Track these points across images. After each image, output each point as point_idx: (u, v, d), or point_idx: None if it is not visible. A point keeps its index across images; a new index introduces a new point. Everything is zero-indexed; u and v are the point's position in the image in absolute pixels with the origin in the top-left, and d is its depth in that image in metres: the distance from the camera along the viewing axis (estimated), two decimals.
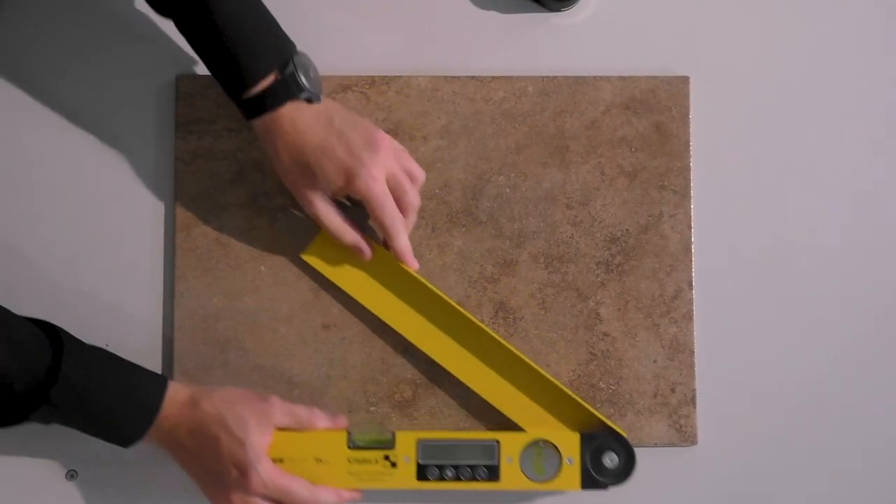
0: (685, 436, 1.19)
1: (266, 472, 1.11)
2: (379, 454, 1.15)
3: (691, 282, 1.20)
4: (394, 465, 1.15)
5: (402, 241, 1.16)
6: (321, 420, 1.15)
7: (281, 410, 1.14)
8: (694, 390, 1.19)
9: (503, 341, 1.17)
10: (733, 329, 1.21)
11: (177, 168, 1.21)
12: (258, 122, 1.14)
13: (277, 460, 1.13)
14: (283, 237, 1.20)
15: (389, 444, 1.15)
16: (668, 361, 1.20)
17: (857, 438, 1.21)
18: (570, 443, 1.15)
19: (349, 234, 1.17)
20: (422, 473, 1.15)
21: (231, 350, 1.19)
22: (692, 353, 1.19)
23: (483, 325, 1.18)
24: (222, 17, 1.11)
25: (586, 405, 1.17)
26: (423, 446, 1.15)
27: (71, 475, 1.19)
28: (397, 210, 1.15)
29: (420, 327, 1.18)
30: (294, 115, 1.13)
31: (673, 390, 1.19)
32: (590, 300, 1.20)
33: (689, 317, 1.20)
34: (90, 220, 1.20)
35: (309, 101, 1.14)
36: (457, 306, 1.18)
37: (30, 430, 1.18)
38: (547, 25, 1.24)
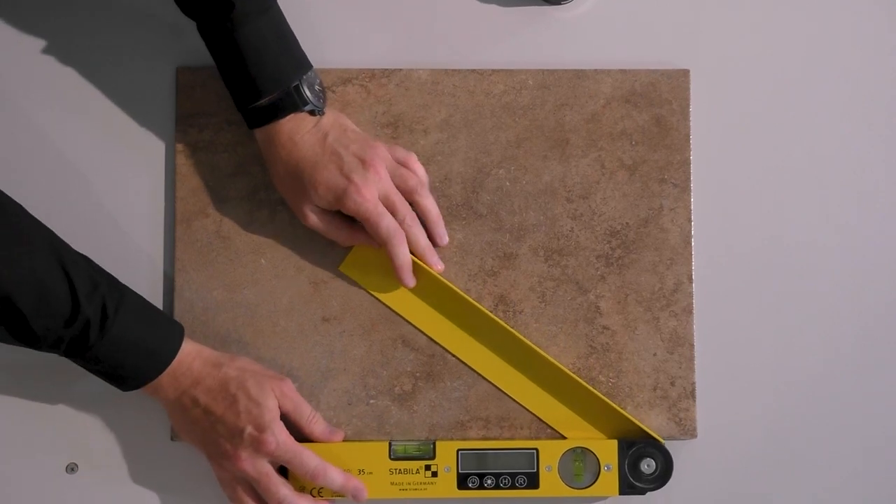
0: (685, 429, 1.19)
1: (281, 434, 1.13)
2: (420, 464, 1.16)
3: (691, 275, 1.20)
4: (434, 474, 1.16)
5: (399, 254, 1.17)
6: (319, 425, 1.17)
7: (291, 394, 1.16)
8: (694, 383, 1.19)
9: (540, 350, 1.18)
10: (733, 322, 1.21)
11: (177, 161, 1.21)
12: (259, 131, 1.16)
13: None
14: (283, 230, 1.20)
15: (430, 455, 1.16)
16: (668, 355, 1.20)
17: (856, 432, 1.21)
18: (608, 450, 1.17)
19: (350, 240, 1.18)
20: (462, 482, 1.17)
21: (231, 342, 1.19)
22: (692, 346, 1.19)
23: (521, 336, 1.18)
24: (244, 36, 1.13)
25: (623, 411, 1.18)
26: (463, 456, 1.17)
27: (71, 468, 1.19)
28: (394, 223, 1.16)
29: (459, 339, 1.19)
30: (292, 128, 1.15)
31: (673, 384, 1.19)
32: (590, 293, 1.20)
33: (688, 310, 1.20)
34: (90, 213, 1.20)
35: (312, 113, 1.15)
36: (496, 319, 1.19)
37: (30, 423, 1.18)
38: (547, 19, 1.24)
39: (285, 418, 1.15)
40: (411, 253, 1.17)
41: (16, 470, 1.19)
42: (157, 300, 1.20)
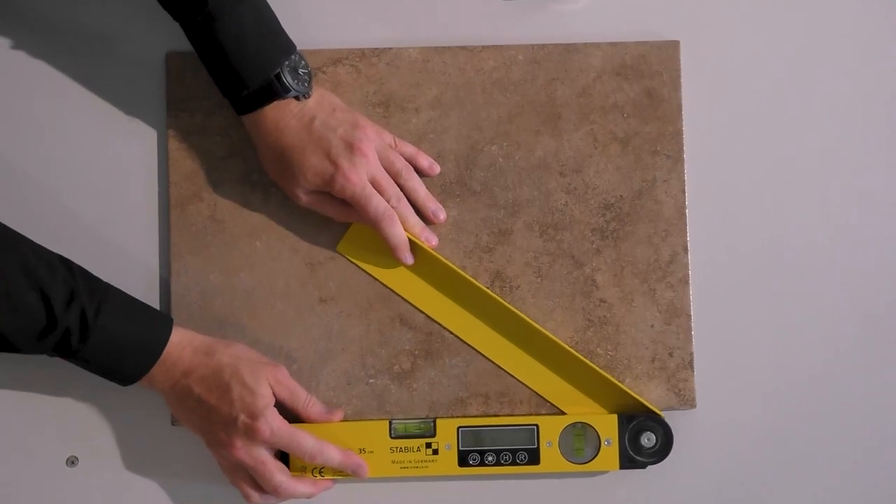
0: (684, 399, 1.19)
1: (274, 421, 1.13)
2: (420, 442, 1.17)
3: (686, 246, 1.20)
4: (435, 452, 1.17)
5: (392, 234, 1.16)
6: (315, 407, 1.17)
7: (286, 381, 1.16)
8: (692, 354, 1.19)
9: (539, 326, 1.18)
10: (729, 292, 1.21)
11: (169, 146, 1.20)
12: (245, 118, 1.16)
13: None
14: (277, 212, 1.20)
15: (430, 432, 1.16)
16: (666, 326, 1.20)
17: (853, 397, 1.21)
18: (608, 424, 1.17)
19: (345, 217, 1.18)
20: (463, 460, 1.17)
21: (228, 326, 1.19)
22: (689, 316, 1.20)
23: (518, 312, 1.19)
24: (223, 27, 1.12)
25: (622, 386, 1.18)
26: (464, 433, 1.17)
27: (71, 462, 1.19)
28: (382, 204, 1.16)
29: (459, 317, 1.19)
30: (277, 115, 1.14)
31: (671, 354, 1.20)
32: (585, 267, 1.20)
33: (684, 281, 1.20)
34: (84, 201, 1.20)
35: (296, 98, 1.15)
36: (493, 295, 1.19)
37: (31, 416, 1.18)
38: None
39: (282, 406, 1.15)
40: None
41: (16, 463, 1.19)
42: (154, 286, 1.20)
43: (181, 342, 1.14)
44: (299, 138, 1.15)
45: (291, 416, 1.16)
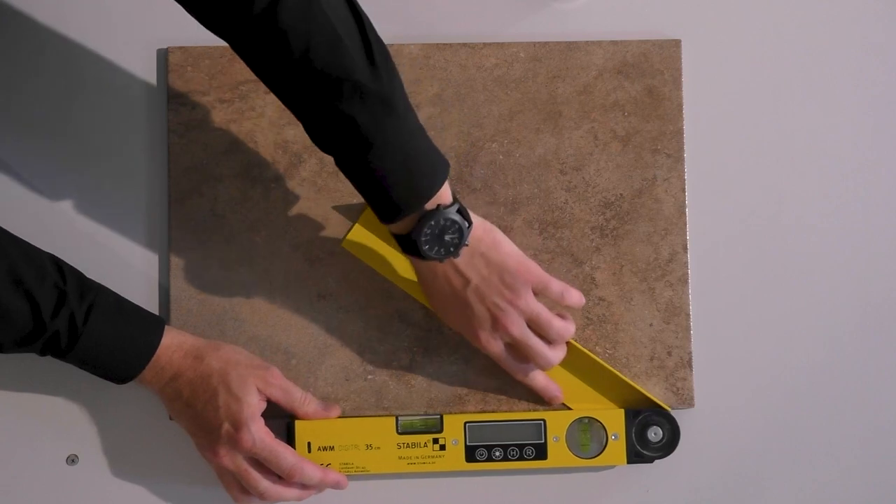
0: (682, 398, 1.19)
1: (258, 432, 1.12)
2: (428, 438, 1.17)
3: (686, 245, 1.20)
4: (443, 447, 1.17)
5: (534, 381, 1.17)
6: (312, 405, 1.16)
7: (279, 382, 1.15)
8: (690, 353, 1.20)
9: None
10: (729, 291, 1.21)
11: (170, 140, 1.20)
12: None
13: (328, 447, 1.16)
14: (277, 207, 1.20)
15: (437, 428, 1.16)
16: (664, 325, 1.20)
17: (852, 397, 1.21)
18: (615, 419, 1.17)
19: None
20: (470, 455, 1.17)
21: (227, 321, 1.19)
22: (688, 315, 1.20)
23: None
24: (375, 158, 1.08)
25: (629, 381, 1.18)
26: (471, 428, 1.17)
27: (72, 460, 1.19)
28: (517, 365, 1.16)
29: None
30: (434, 265, 1.13)
31: (669, 353, 1.20)
32: (585, 265, 1.20)
33: (684, 280, 1.20)
34: (84, 195, 1.20)
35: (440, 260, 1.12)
36: None
37: (31, 414, 1.18)
38: None
39: (278, 406, 1.15)
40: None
41: (16, 461, 1.18)
42: (153, 281, 1.20)
43: (171, 345, 1.13)
44: (444, 293, 1.14)
45: (289, 414, 1.17)
